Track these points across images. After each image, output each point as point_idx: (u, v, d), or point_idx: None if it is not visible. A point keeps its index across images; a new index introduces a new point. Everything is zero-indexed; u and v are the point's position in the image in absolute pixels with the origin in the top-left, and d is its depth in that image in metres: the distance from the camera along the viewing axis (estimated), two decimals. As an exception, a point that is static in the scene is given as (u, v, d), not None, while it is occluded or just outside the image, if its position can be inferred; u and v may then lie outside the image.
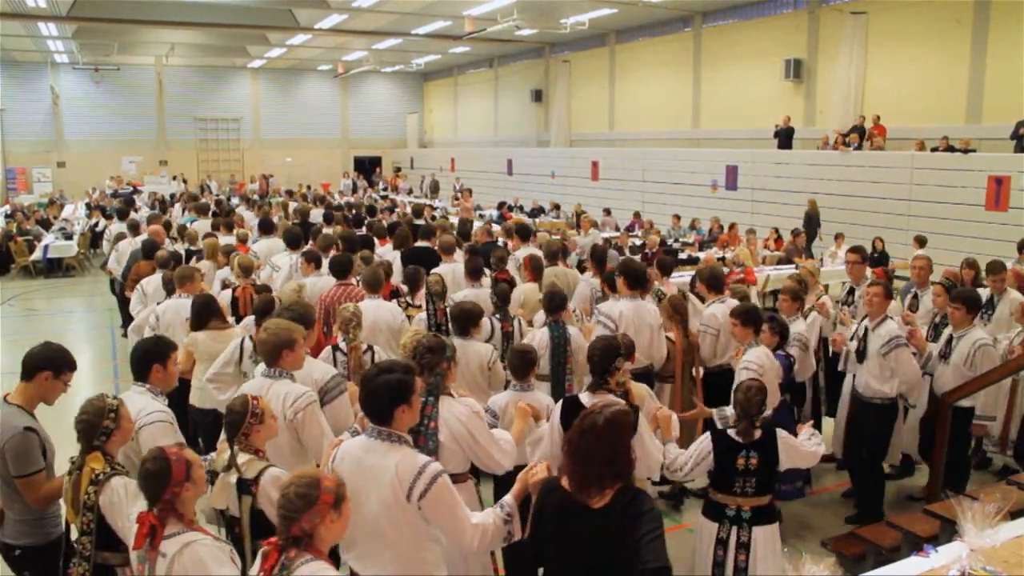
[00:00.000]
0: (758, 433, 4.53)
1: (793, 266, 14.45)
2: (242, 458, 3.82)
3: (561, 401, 4.56)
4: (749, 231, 17.15)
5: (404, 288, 7.90)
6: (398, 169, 39.72)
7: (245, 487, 3.76)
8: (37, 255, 19.69)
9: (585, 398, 4.46)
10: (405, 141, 40.96)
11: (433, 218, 16.85)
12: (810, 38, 20.79)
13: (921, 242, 14.64)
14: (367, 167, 39.81)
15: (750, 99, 22.36)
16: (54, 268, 19.86)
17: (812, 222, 18.23)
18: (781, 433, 4.61)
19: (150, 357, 4.37)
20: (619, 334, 5.61)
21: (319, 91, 39.86)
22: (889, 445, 6.44)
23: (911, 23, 18.18)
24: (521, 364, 4.87)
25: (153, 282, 8.44)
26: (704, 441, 4.59)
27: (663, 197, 23.07)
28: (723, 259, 15.28)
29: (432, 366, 4.20)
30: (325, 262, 8.32)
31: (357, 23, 25.58)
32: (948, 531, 4.94)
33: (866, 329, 6.21)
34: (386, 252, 9.92)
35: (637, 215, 21.80)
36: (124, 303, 10.61)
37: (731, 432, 4.56)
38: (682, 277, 10.29)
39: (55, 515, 4.23)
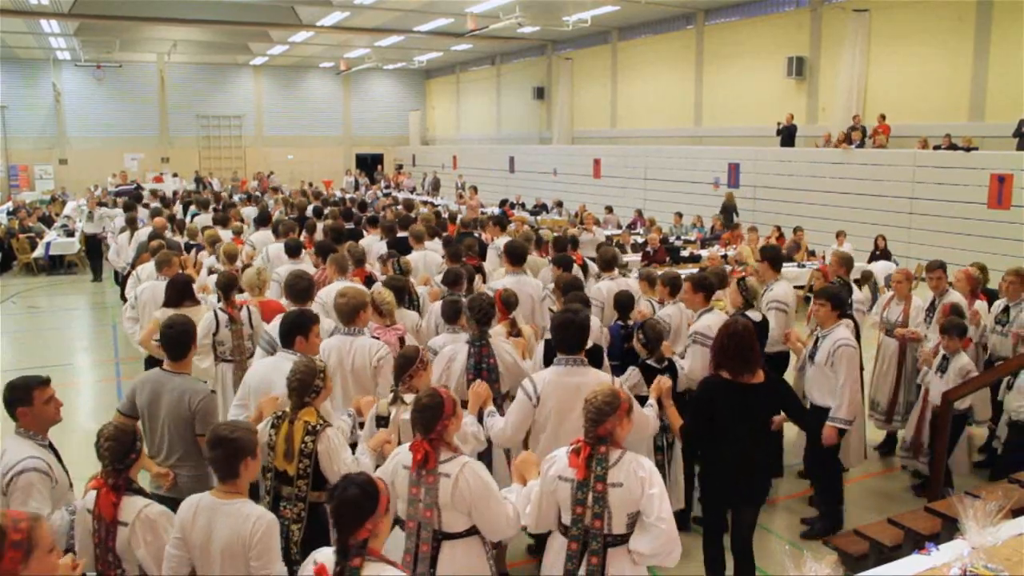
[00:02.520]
0: (666, 362, 5.87)
1: (795, 264, 14.48)
2: (408, 397, 4.48)
3: (543, 343, 5.72)
4: (751, 229, 17.14)
5: (377, 275, 8.54)
6: (400, 166, 39.72)
7: None
8: (39, 252, 19.69)
9: None
10: (407, 138, 40.95)
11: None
12: (812, 36, 20.78)
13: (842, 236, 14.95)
14: (369, 164, 39.79)
15: (752, 97, 22.35)
16: (56, 265, 19.86)
17: (728, 212, 19.84)
18: (675, 359, 6.06)
19: (294, 330, 4.97)
20: (502, 289, 6.56)
21: (321, 88, 39.87)
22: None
23: (913, 21, 18.16)
24: (451, 311, 5.99)
25: (147, 269, 8.83)
26: (634, 371, 5.84)
27: (665, 195, 23.07)
28: (725, 257, 15.28)
29: (489, 318, 5.52)
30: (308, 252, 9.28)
31: (359, 20, 25.59)
32: (950, 529, 4.94)
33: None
34: (373, 242, 10.62)
35: (639, 213, 21.79)
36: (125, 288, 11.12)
37: (649, 361, 5.80)
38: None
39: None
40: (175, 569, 3.42)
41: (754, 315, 6.42)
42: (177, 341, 4.70)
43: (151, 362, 7.71)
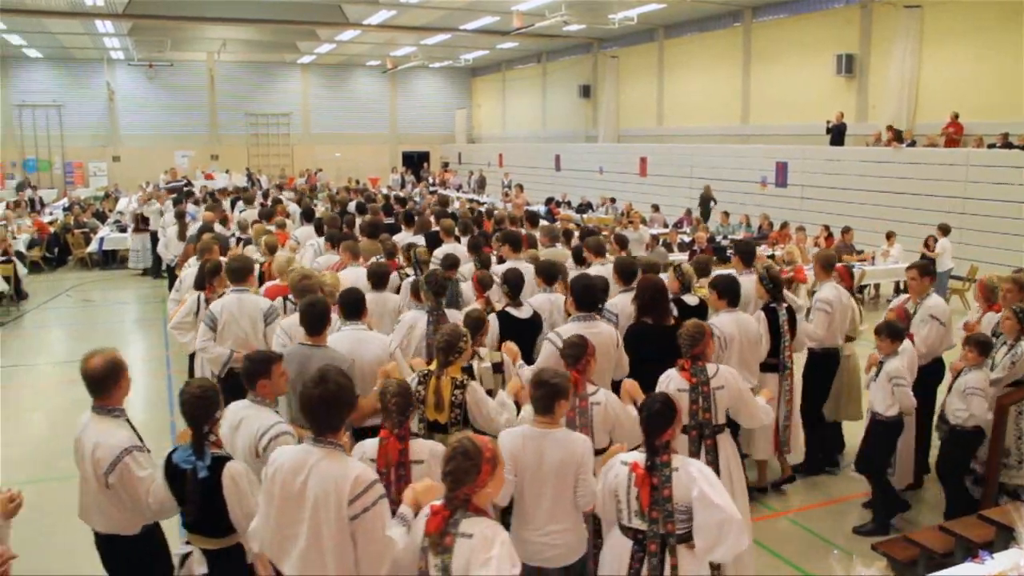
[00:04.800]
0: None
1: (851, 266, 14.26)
2: (483, 351, 5.65)
3: (495, 315, 6.41)
4: (799, 228, 16.95)
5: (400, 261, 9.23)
6: (446, 164, 39.85)
7: (498, 368, 5.62)
8: (93, 247, 20.11)
9: (512, 310, 6.50)
10: (453, 136, 41.09)
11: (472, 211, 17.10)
12: (862, 33, 20.46)
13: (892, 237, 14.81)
14: (415, 162, 39.94)
15: (800, 95, 22.06)
16: (109, 260, 20.26)
17: (705, 203, 21.65)
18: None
19: (361, 305, 5.75)
20: (479, 272, 7.43)
21: (368, 86, 40.11)
22: None
23: (967, 17, 17.78)
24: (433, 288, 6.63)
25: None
26: None
27: (712, 193, 22.83)
28: (772, 256, 15.12)
29: (443, 290, 6.34)
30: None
31: (406, 19, 25.71)
32: (1004, 537, 4.84)
33: None
34: (407, 236, 11.22)
35: (688, 212, 21.68)
36: (174, 281, 11.54)
37: None
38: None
39: None
40: (511, 492, 4.12)
41: (690, 299, 6.98)
42: (315, 318, 5.31)
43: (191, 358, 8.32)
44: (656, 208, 22.25)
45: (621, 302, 6.75)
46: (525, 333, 6.39)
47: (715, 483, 3.86)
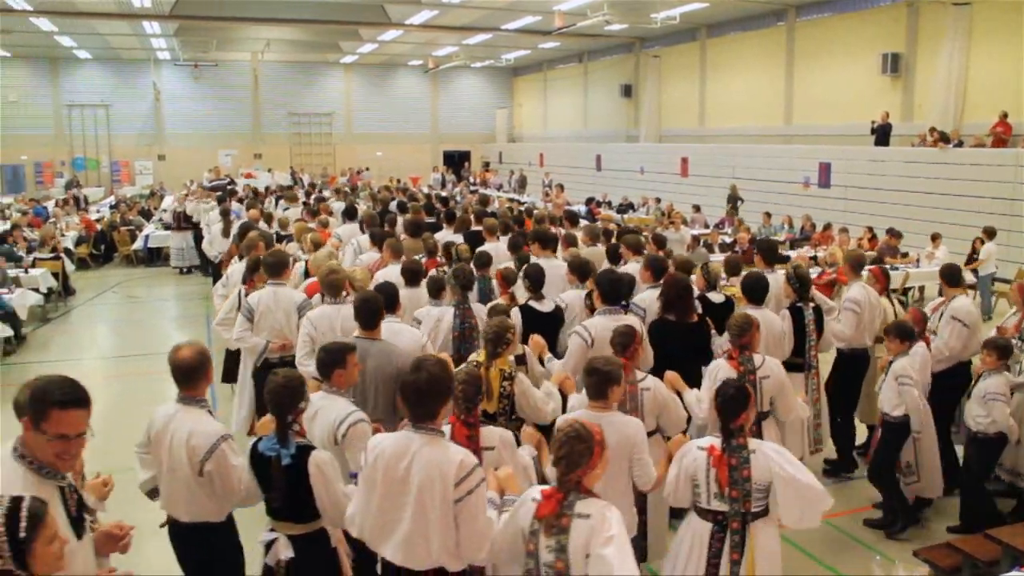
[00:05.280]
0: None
1: (889, 267, 14.08)
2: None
3: (518, 309, 6.63)
4: (842, 230, 16.74)
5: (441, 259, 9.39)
6: (487, 164, 39.89)
7: (521, 360, 5.62)
8: (138, 244, 20.44)
9: (535, 304, 6.75)
10: (494, 136, 41.14)
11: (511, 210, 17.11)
12: (909, 31, 20.14)
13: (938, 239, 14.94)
14: (456, 161, 40.03)
15: (844, 94, 21.78)
16: (154, 257, 20.57)
17: (732, 202, 22.15)
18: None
19: (394, 300, 5.94)
20: (503, 268, 7.85)
21: (410, 86, 40.29)
22: None
23: (1017, 14, 17.40)
24: (435, 287, 6.80)
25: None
26: None
27: (754, 194, 22.63)
28: (815, 258, 14.98)
29: (470, 284, 6.62)
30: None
31: (447, 19, 25.79)
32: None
33: None
34: (447, 235, 11.23)
35: (730, 213, 21.50)
36: (219, 278, 11.76)
37: None
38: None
39: None
40: None
41: (716, 297, 7.19)
42: (369, 313, 5.48)
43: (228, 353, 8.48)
44: (697, 208, 22.10)
45: (649, 297, 6.87)
46: (547, 326, 6.60)
47: (792, 460, 4.21)
